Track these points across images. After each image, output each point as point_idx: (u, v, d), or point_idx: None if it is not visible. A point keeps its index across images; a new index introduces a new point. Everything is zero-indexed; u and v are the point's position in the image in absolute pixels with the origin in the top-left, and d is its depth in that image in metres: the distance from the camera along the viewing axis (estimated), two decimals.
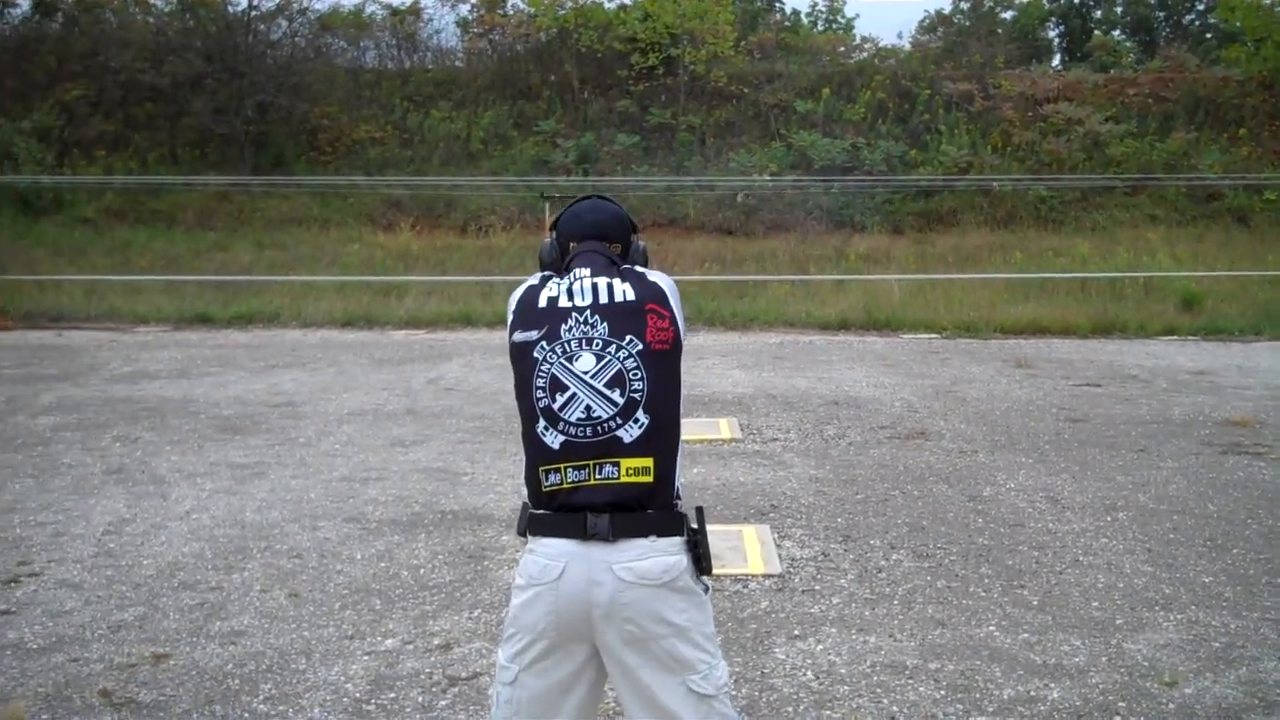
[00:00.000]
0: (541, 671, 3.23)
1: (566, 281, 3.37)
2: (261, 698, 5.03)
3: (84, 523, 7.62)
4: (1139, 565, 6.76)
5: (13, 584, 6.47)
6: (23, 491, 8.38)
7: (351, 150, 27.76)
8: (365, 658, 5.45)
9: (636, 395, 3.24)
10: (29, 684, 5.17)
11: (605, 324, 3.28)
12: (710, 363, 14.00)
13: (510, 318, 3.40)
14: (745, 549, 6.99)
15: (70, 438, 10.08)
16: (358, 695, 5.05)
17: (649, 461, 3.22)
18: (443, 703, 4.97)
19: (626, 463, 3.20)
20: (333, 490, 8.43)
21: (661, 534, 3.21)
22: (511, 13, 30.99)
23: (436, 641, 5.64)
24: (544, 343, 3.29)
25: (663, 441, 3.25)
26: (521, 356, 3.32)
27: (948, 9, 35.08)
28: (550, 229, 3.58)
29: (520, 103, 28.79)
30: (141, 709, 4.92)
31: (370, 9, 31.95)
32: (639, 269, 3.45)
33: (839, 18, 34.39)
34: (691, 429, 9.32)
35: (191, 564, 6.82)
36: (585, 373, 3.25)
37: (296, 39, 29.88)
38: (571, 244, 3.48)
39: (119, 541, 7.23)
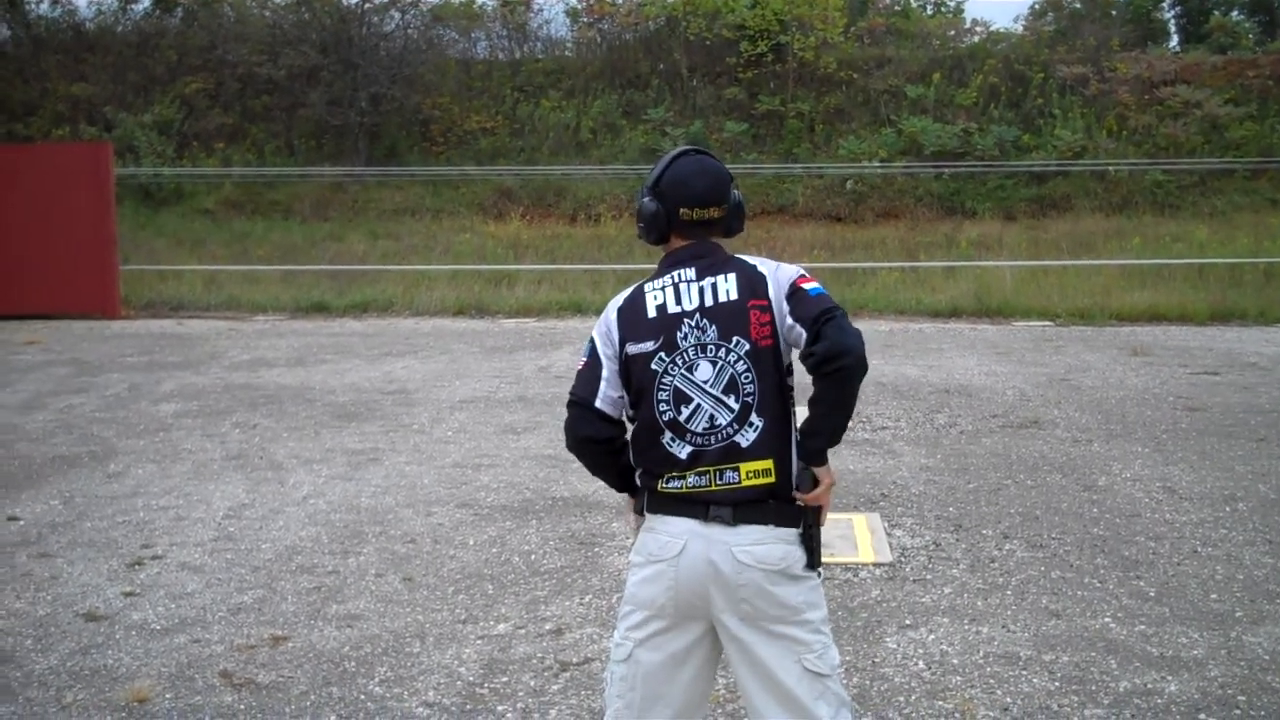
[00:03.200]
0: (656, 646, 3.30)
1: (669, 282, 3.35)
2: (377, 680, 5.12)
3: (204, 507, 7.79)
4: (1259, 557, 6.62)
5: (136, 566, 6.64)
6: (145, 476, 8.59)
7: (463, 140, 27.98)
8: (478, 642, 5.52)
9: (749, 399, 3.27)
10: (152, 664, 5.31)
11: (714, 326, 3.29)
12: None
13: (615, 331, 3.37)
14: (856, 537, 6.96)
15: (191, 424, 10.30)
16: (471, 679, 5.12)
17: (769, 463, 3.26)
18: (555, 687, 5.02)
19: (746, 466, 3.25)
20: (446, 476, 8.53)
21: (780, 524, 3.26)
22: (620, 2, 31.03)
23: (548, 627, 5.69)
24: (662, 354, 3.30)
25: (779, 439, 3.29)
26: (638, 368, 3.33)
27: None
28: (651, 188, 3.42)
29: (629, 91, 28.82)
30: (260, 690, 5.03)
31: (481, 0, 32.21)
32: (745, 257, 3.41)
33: (948, 1, 33.97)
34: (801, 419, 9.27)
35: (309, 548, 6.95)
36: (705, 382, 3.28)
37: (409, 31, 30.17)
38: (681, 210, 3.37)
39: (238, 525, 7.39)
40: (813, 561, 3.29)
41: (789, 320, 3.28)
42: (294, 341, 15.17)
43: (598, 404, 3.38)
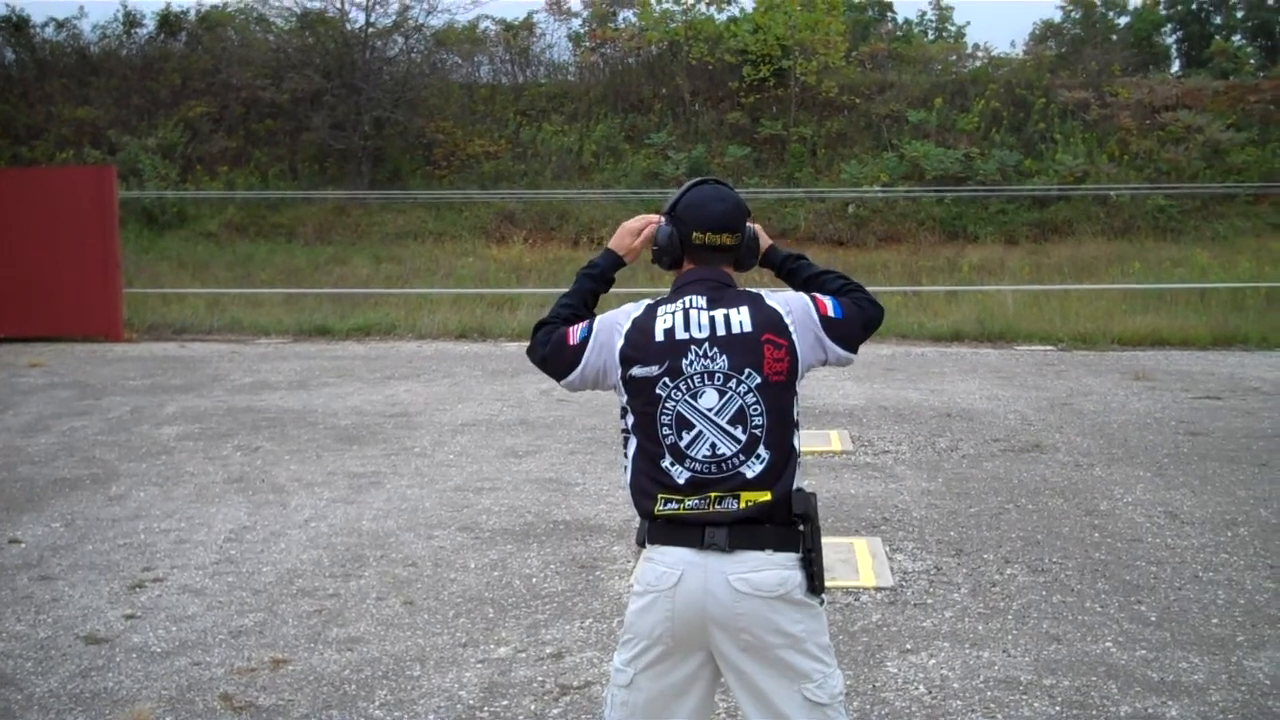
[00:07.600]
0: (656, 675, 3.29)
1: (679, 307, 3.35)
2: (377, 704, 5.12)
3: (206, 530, 7.79)
4: (1260, 581, 6.62)
5: (138, 589, 6.64)
6: (147, 499, 8.59)
7: (466, 164, 28.09)
8: (479, 665, 5.52)
9: (757, 431, 3.27)
10: (153, 687, 5.30)
11: (725, 356, 3.29)
12: (821, 374, 13.93)
13: (617, 346, 3.36)
14: (857, 561, 6.96)
15: (193, 447, 10.31)
16: (471, 702, 5.11)
17: (768, 494, 3.25)
18: (554, 711, 5.02)
19: (746, 495, 3.25)
20: (447, 500, 8.53)
21: (778, 549, 3.24)
22: (623, 26, 31.17)
23: (549, 650, 5.69)
24: (666, 379, 3.30)
25: (782, 473, 3.29)
26: (642, 391, 3.33)
27: (1058, 18, 34.63)
28: (666, 214, 3.48)
29: (632, 116, 28.94)
30: (261, 713, 5.03)
31: (484, 25, 32.36)
32: (758, 291, 3.41)
33: (949, 26, 34.10)
34: (803, 441, 9.28)
35: (310, 571, 6.95)
36: (709, 410, 3.28)
37: (412, 55, 30.32)
38: (694, 234, 3.40)
39: (239, 549, 7.39)
40: (814, 587, 3.26)
41: (830, 342, 3.41)
42: (296, 364, 15.18)
43: (566, 381, 3.47)
